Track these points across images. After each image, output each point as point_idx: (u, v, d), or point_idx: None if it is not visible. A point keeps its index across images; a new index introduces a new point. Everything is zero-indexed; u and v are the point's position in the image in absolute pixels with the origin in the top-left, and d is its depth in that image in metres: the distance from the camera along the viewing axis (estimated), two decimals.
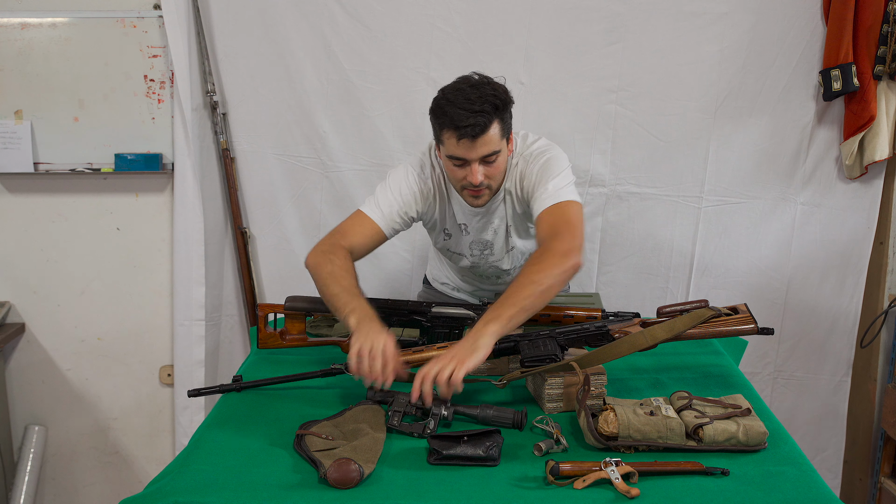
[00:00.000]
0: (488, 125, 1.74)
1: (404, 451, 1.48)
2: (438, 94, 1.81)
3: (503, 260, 2.07)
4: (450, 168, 1.84)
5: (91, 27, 2.50)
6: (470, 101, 1.73)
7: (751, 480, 1.39)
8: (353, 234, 1.89)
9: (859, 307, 2.71)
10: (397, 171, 1.96)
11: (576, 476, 1.37)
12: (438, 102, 1.79)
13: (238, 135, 2.62)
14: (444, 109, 1.76)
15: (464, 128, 1.72)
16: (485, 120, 1.73)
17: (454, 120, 1.73)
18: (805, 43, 2.53)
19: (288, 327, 1.89)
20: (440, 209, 1.98)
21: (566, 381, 1.64)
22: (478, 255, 2.06)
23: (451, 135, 1.76)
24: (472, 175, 1.80)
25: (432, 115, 1.81)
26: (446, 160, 1.83)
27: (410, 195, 1.92)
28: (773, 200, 2.65)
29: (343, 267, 1.79)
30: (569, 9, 2.51)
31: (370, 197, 1.94)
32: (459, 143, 1.75)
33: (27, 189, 2.64)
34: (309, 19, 2.51)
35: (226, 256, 2.71)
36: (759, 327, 1.75)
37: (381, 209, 1.91)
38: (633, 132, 2.59)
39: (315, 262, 1.81)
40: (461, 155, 1.78)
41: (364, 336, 1.59)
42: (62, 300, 2.73)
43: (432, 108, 1.81)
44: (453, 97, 1.75)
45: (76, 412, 2.81)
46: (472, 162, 1.78)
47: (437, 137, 1.83)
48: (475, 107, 1.72)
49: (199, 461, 1.43)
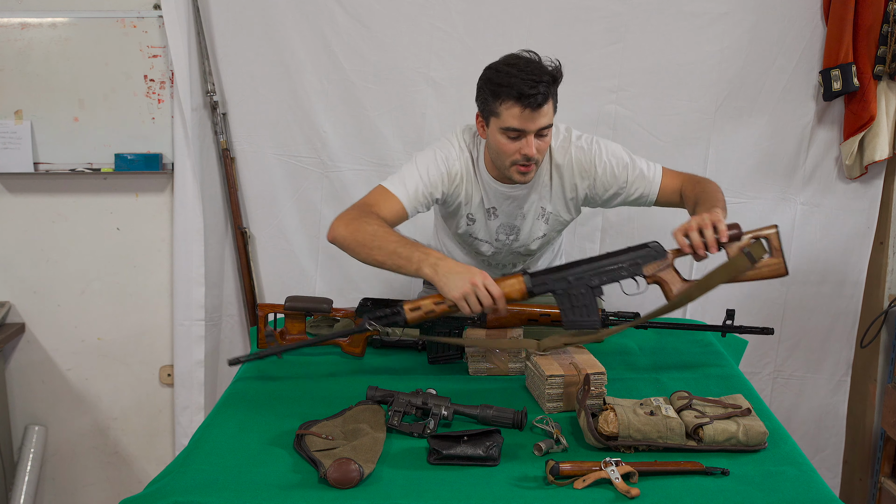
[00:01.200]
0: (548, 96, 1.76)
1: (404, 450, 1.48)
2: (491, 70, 1.80)
3: (528, 245, 2.07)
4: (501, 143, 1.81)
5: (91, 27, 2.50)
6: (531, 72, 1.73)
7: (751, 480, 1.39)
8: (379, 208, 1.85)
9: (859, 307, 2.71)
10: (425, 153, 1.94)
11: (576, 476, 1.37)
12: (495, 74, 1.77)
13: (238, 135, 2.62)
14: (503, 80, 1.74)
15: (529, 97, 1.72)
16: (546, 90, 1.74)
17: (518, 89, 1.72)
18: (805, 43, 2.53)
19: (288, 327, 1.89)
20: (466, 193, 1.96)
21: (566, 381, 1.64)
22: (503, 239, 2.04)
23: (511, 105, 1.75)
24: (527, 147, 1.79)
25: (487, 87, 1.79)
26: (499, 134, 1.81)
27: (438, 176, 1.91)
28: (773, 200, 2.65)
29: (383, 226, 1.76)
30: (569, 9, 2.50)
31: (394, 174, 1.92)
32: (522, 114, 1.75)
33: (27, 189, 2.64)
34: (309, 19, 2.51)
35: (226, 256, 2.71)
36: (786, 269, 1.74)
37: (406, 187, 1.88)
38: (633, 132, 2.59)
39: (349, 229, 1.77)
40: (520, 126, 1.76)
41: (458, 284, 1.63)
42: (62, 300, 2.73)
43: (487, 81, 1.79)
44: (513, 69, 1.74)
45: (76, 412, 2.81)
46: (528, 134, 1.78)
47: (490, 110, 1.80)
48: (538, 76, 1.73)
49: (199, 461, 1.43)
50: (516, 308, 1.88)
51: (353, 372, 1.85)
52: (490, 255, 2.09)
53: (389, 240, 1.73)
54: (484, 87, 1.81)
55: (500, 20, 2.51)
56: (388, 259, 1.71)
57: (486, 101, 1.81)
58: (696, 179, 1.94)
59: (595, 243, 2.69)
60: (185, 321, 2.64)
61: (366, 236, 1.74)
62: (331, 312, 1.88)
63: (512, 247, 2.07)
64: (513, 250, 2.08)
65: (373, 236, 1.73)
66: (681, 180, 1.96)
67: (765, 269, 1.72)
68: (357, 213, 1.81)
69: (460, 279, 1.64)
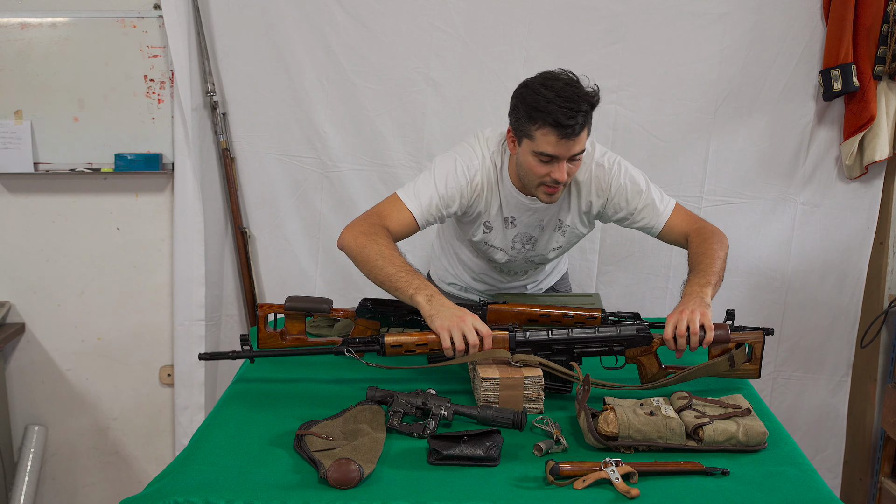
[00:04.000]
0: (585, 124, 1.75)
1: (404, 451, 1.48)
2: (527, 89, 1.77)
3: (546, 255, 2.07)
4: (532, 164, 1.80)
5: (91, 27, 2.50)
6: (571, 99, 1.71)
7: (751, 480, 1.39)
8: (390, 220, 1.85)
9: (859, 307, 2.71)
10: (446, 161, 1.91)
11: (576, 476, 1.37)
12: (532, 96, 1.74)
13: (238, 135, 2.62)
14: (541, 104, 1.72)
15: (567, 127, 1.71)
16: (584, 119, 1.73)
17: (557, 118, 1.70)
18: (805, 43, 2.53)
19: (288, 327, 1.89)
20: (486, 202, 1.94)
21: (502, 384, 1.62)
22: (519, 248, 2.04)
23: (548, 132, 1.73)
24: (558, 172, 1.78)
25: (524, 110, 1.76)
26: (531, 156, 1.79)
27: (456, 189, 1.88)
28: (773, 200, 2.65)
29: (390, 247, 1.77)
30: (569, 9, 2.50)
31: (411, 182, 1.90)
32: (558, 142, 1.73)
33: (27, 189, 2.64)
34: (309, 19, 2.51)
35: (226, 256, 2.71)
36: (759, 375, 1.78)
37: (420, 200, 1.86)
38: (633, 132, 2.59)
39: (358, 243, 1.78)
40: (554, 153, 1.75)
41: (447, 316, 1.64)
42: (62, 300, 2.73)
43: (522, 100, 1.76)
44: (551, 93, 1.72)
45: (76, 412, 2.81)
46: (561, 160, 1.77)
47: (525, 132, 1.77)
48: (577, 105, 1.71)
49: (199, 461, 1.43)
50: (516, 308, 1.88)
51: (354, 372, 1.85)
52: (503, 262, 2.08)
53: (393, 262, 1.74)
54: (519, 105, 1.78)
55: (500, 20, 2.52)
56: (388, 280, 1.73)
57: (520, 121, 1.78)
58: (706, 234, 1.90)
59: (595, 244, 2.69)
60: (185, 321, 2.64)
61: (371, 254, 1.75)
62: (331, 312, 1.88)
63: (528, 256, 2.07)
64: (528, 259, 2.08)
65: (378, 256, 1.75)
66: (690, 226, 1.95)
67: (739, 371, 1.76)
68: (367, 227, 1.81)
69: (450, 314, 1.65)
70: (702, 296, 1.70)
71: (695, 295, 1.71)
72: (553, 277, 2.30)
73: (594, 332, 1.72)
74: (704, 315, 1.66)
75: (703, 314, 1.66)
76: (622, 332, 1.72)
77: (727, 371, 1.75)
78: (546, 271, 2.24)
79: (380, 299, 1.91)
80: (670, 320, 1.67)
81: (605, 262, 2.71)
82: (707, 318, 1.66)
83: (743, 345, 1.75)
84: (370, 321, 1.90)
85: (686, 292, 1.74)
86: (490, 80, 2.55)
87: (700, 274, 1.77)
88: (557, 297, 2.20)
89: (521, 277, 2.17)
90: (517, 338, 1.70)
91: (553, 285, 2.31)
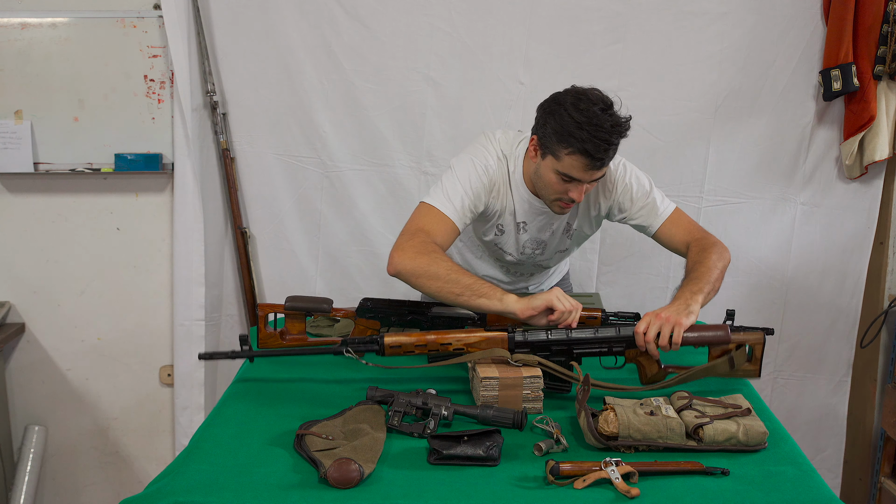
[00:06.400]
0: (614, 155, 1.77)
1: (404, 451, 1.48)
2: (560, 107, 1.74)
3: (552, 258, 2.08)
4: (552, 180, 1.80)
5: (91, 27, 2.50)
6: (604, 129, 1.71)
7: (751, 480, 1.39)
8: (435, 233, 1.82)
9: (859, 307, 2.71)
10: (462, 161, 1.90)
11: (576, 476, 1.37)
12: (566, 119, 1.72)
13: (238, 135, 2.62)
14: (574, 131, 1.71)
15: (598, 159, 1.72)
16: (614, 151, 1.75)
17: (589, 149, 1.71)
18: (805, 43, 2.53)
19: (288, 327, 1.89)
20: (500, 204, 1.95)
21: (501, 383, 1.62)
22: (528, 253, 2.05)
23: (577, 159, 1.73)
24: (577, 192, 1.80)
25: (553, 129, 1.75)
26: (553, 173, 1.79)
27: (481, 187, 1.88)
28: (773, 200, 2.65)
29: (451, 261, 1.76)
30: (569, 9, 2.51)
31: (436, 189, 1.87)
32: (585, 170, 1.75)
33: (27, 189, 2.64)
34: (309, 19, 2.51)
35: (226, 256, 2.71)
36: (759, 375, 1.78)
37: (454, 203, 1.84)
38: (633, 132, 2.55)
39: (418, 264, 1.74)
40: (578, 177, 1.77)
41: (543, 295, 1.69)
42: (62, 300, 2.73)
43: (554, 121, 1.75)
44: (584, 119, 1.70)
45: (76, 412, 2.81)
46: (583, 182, 1.79)
47: (552, 150, 1.77)
48: (610, 138, 1.71)
49: (199, 461, 1.43)
50: None
51: (354, 372, 1.85)
52: (513, 262, 2.09)
53: (464, 274, 1.74)
54: (549, 122, 1.77)
55: (500, 20, 2.52)
56: (466, 291, 1.72)
57: (548, 138, 1.77)
58: (706, 244, 1.89)
59: (595, 244, 2.69)
60: (185, 321, 2.63)
61: (440, 271, 1.73)
62: (331, 312, 1.88)
63: (536, 260, 2.08)
64: (536, 262, 2.09)
65: (448, 270, 1.73)
66: (691, 235, 1.94)
67: (739, 372, 1.76)
68: (420, 246, 1.77)
69: (544, 293, 1.70)
70: (689, 303, 1.69)
71: (682, 301, 1.70)
72: (554, 278, 2.30)
73: (593, 332, 1.72)
74: (679, 326, 1.65)
75: (679, 324, 1.65)
76: (621, 332, 1.72)
77: (727, 372, 1.75)
78: (548, 272, 2.24)
79: (380, 299, 1.91)
80: (645, 318, 1.68)
81: (605, 262, 2.71)
82: (679, 331, 1.65)
83: (743, 346, 1.74)
84: (370, 321, 1.90)
85: (676, 297, 1.74)
86: (490, 80, 2.55)
87: (693, 281, 1.77)
88: None
89: (525, 279, 2.17)
90: (516, 339, 1.70)
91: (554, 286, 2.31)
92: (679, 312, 1.67)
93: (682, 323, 1.65)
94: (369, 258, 2.69)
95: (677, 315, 1.66)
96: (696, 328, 1.70)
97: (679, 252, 1.98)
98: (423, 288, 1.76)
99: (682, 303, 1.70)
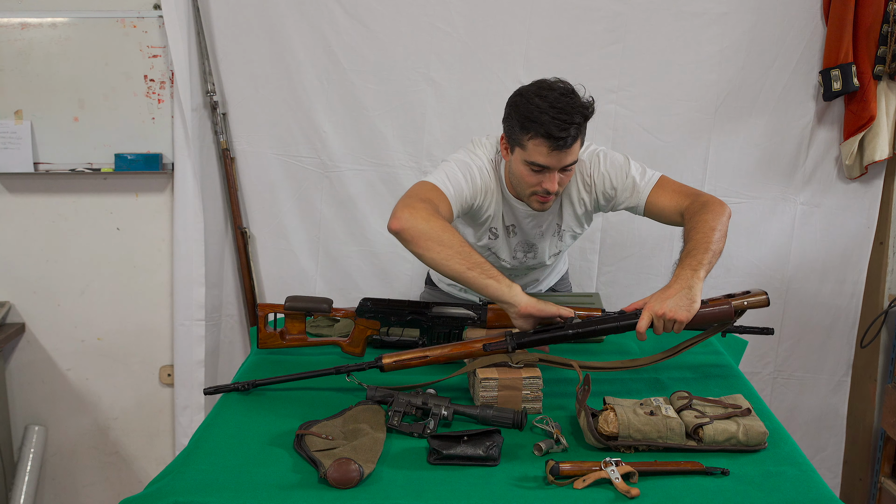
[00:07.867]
0: (578, 136, 1.73)
1: (404, 451, 1.48)
2: (521, 98, 1.74)
3: (545, 261, 2.07)
4: (523, 173, 1.79)
5: (91, 27, 2.50)
6: (564, 111, 1.68)
7: (751, 480, 1.39)
8: (440, 205, 1.76)
9: (859, 307, 2.71)
10: (463, 157, 1.89)
11: (576, 476, 1.37)
12: (526, 106, 1.72)
13: (238, 135, 2.62)
14: (534, 115, 1.69)
15: (558, 139, 1.69)
16: (576, 132, 1.71)
17: (549, 130, 1.68)
18: (805, 43, 2.53)
19: (288, 327, 1.89)
20: (495, 207, 1.93)
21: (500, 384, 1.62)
22: (520, 257, 2.04)
23: (539, 143, 1.71)
24: (549, 182, 1.77)
25: (517, 119, 1.74)
26: (522, 165, 1.77)
27: (481, 183, 1.87)
28: (773, 200, 2.65)
29: (460, 236, 1.70)
30: (569, 9, 2.51)
31: (438, 173, 1.83)
32: (549, 153, 1.72)
33: (27, 189, 2.64)
34: (309, 19, 2.51)
35: (226, 256, 2.71)
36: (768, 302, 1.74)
37: (453, 186, 1.81)
38: (633, 132, 2.59)
39: (432, 226, 1.66)
40: (545, 163, 1.74)
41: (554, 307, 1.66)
42: (62, 300, 2.73)
43: (515, 108, 1.74)
44: (544, 103, 1.69)
45: (76, 412, 2.81)
46: (552, 170, 1.76)
47: (517, 141, 1.76)
48: (570, 118, 1.69)
49: (199, 461, 1.43)
50: None
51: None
52: (507, 269, 2.08)
53: (476, 252, 1.68)
54: (512, 114, 1.76)
55: (500, 20, 2.52)
56: (475, 268, 1.65)
57: (513, 129, 1.76)
58: (698, 207, 1.79)
59: (595, 244, 2.69)
60: (185, 321, 2.64)
61: (454, 240, 1.66)
62: (331, 312, 1.88)
63: (528, 264, 2.07)
64: (529, 267, 2.09)
65: (461, 243, 1.66)
66: (681, 200, 1.86)
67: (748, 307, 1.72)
68: (432, 210, 1.70)
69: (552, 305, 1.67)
70: (690, 284, 1.60)
71: (683, 282, 1.61)
72: (553, 278, 2.30)
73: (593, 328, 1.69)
74: (680, 323, 1.59)
75: (680, 322, 1.58)
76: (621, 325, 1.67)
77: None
78: (546, 272, 2.24)
79: (380, 299, 1.91)
80: (646, 314, 1.60)
81: (605, 262, 2.71)
82: (681, 327, 1.59)
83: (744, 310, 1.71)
84: (370, 321, 1.90)
85: (676, 275, 1.64)
86: (490, 80, 2.55)
87: (691, 254, 1.66)
88: (557, 298, 2.20)
89: (521, 279, 2.17)
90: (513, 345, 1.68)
91: (553, 285, 2.31)
92: (680, 306, 1.58)
93: (683, 319, 1.59)
94: (369, 258, 2.69)
95: (679, 309, 1.59)
96: (699, 315, 1.62)
97: (676, 223, 1.89)
98: (427, 252, 1.67)
99: (684, 287, 1.60)
